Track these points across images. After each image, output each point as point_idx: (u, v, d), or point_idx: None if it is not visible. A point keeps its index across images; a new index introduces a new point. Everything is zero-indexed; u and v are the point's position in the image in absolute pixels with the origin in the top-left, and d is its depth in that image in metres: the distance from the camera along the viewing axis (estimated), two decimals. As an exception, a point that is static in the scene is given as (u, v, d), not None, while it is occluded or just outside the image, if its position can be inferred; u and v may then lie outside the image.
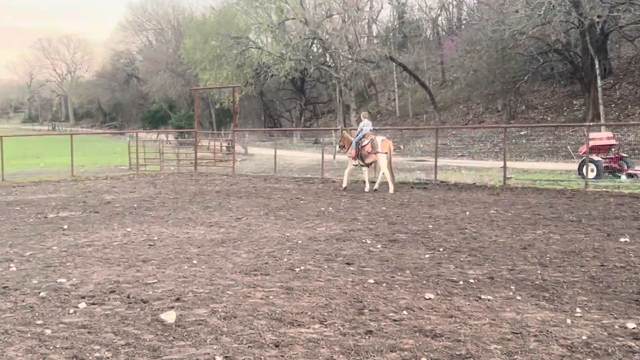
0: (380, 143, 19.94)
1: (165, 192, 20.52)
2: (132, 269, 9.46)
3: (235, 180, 24.41)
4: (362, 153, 20.32)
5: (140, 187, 22.34)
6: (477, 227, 12.87)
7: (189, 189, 21.58)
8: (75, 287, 8.40)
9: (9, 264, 9.94)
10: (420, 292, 7.93)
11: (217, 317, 6.98)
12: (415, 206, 16.42)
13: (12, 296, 8.03)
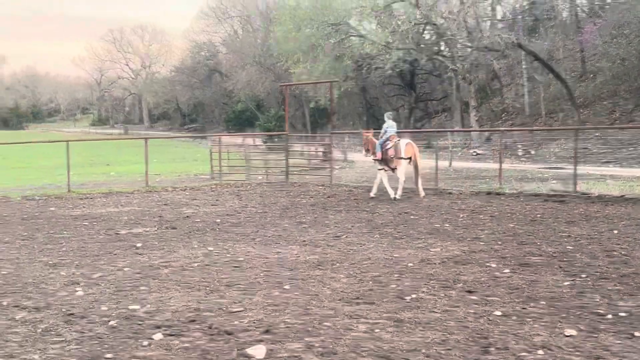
0: (404, 147, 21.72)
1: (252, 206, 20.78)
2: (214, 295, 9.58)
3: (333, 191, 24.50)
4: (386, 157, 21.94)
5: (224, 199, 22.71)
6: (628, 249, 12.44)
7: (280, 201, 21.78)
8: (150, 315, 8.56)
9: (75, 288, 10.24)
10: (559, 328, 7.71)
11: (313, 353, 6.97)
12: (550, 223, 16.03)
13: (78, 325, 8.25)
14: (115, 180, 31.58)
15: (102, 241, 14.78)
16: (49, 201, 23.07)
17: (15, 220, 18.54)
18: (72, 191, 25.66)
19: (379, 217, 17.59)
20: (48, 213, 19.96)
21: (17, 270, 11.68)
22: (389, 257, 12.15)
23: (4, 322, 8.49)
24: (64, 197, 24.07)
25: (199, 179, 31.20)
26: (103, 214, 19.39)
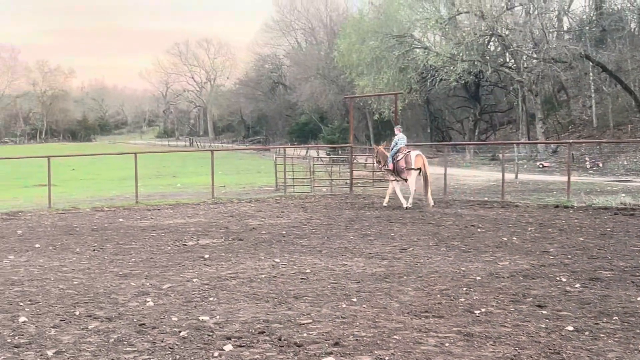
0: (414, 158, 22.87)
1: (317, 218, 20.82)
2: (282, 306, 9.62)
3: (398, 203, 24.41)
4: (397, 168, 23.15)
5: (289, 211, 22.80)
6: None
7: (344, 213, 21.79)
8: (220, 326, 8.64)
9: (146, 298, 10.38)
10: (634, 344, 7.57)
11: (383, 366, 6.94)
12: (621, 237, 15.74)
13: (149, 335, 8.35)
14: (181, 191, 31.92)
15: (170, 252, 14.96)
16: (117, 212, 23.43)
17: (86, 231, 18.87)
18: (140, 202, 26.00)
19: (445, 230, 17.47)
20: (117, 224, 20.27)
21: (88, 281, 11.88)
22: (457, 271, 12.06)
23: (78, 331, 8.65)
24: (132, 208, 24.41)
25: (264, 191, 31.37)
26: (170, 225, 19.62)
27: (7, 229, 19.65)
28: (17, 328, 8.86)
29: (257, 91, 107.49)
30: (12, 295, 10.85)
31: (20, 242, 16.98)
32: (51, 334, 8.57)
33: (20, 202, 27.85)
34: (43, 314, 9.60)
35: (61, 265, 13.52)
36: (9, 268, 13.37)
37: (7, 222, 21.30)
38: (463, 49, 53.06)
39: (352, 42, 61.68)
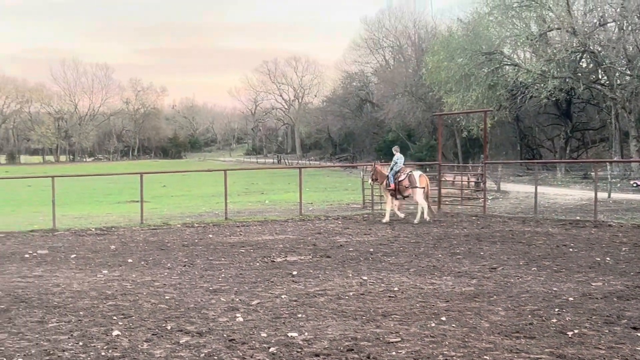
0: (418, 178, 24.57)
1: (404, 235, 20.74)
2: (370, 324, 9.61)
3: (487, 222, 24.12)
4: (399, 187, 24.65)
5: (376, 228, 22.76)
6: None
7: (432, 231, 21.64)
8: (308, 343, 8.67)
9: (235, 314, 10.50)
10: None
11: (473, 387, 6.86)
12: None
13: (239, 350, 8.45)
14: (269, 208, 32.20)
15: (259, 268, 15.10)
16: (207, 228, 23.76)
17: (176, 246, 19.19)
18: (229, 219, 26.33)
19: (535, 250, 17.19)
20: (207, 240, 20.56)
21: (179, 296, 12.09)
22: (548, 291, 11.85)
23: (169, 345, 8.80)
24: (222, 225, 24.73)
25: (351, 208, 31.39)
26: (259, 242, 19.80)
27: (101, 244, 20.14)
28: (111, 341, 9.07)
29: (345, 109, 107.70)
30: (106, 309, 11.11)
31: (114, 257, 17.38)
32: (143, 347, 8.75)
33: (113, 217, 28.52)
34: (136, 327, 9.80)
35: (153, 280, 13.79)
36: (103, 282, 13.71)
37: (100, 237, 21.83)
38: (554, 65, 52.20)
39: (440, 59, 61.32)
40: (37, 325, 10.07)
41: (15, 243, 20.58)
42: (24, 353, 8.60)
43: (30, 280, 14.07)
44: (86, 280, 13.94)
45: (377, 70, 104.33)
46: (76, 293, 12.52)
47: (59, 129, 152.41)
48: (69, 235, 22.35)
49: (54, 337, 9.36)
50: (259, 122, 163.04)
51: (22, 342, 9.15)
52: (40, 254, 18.12)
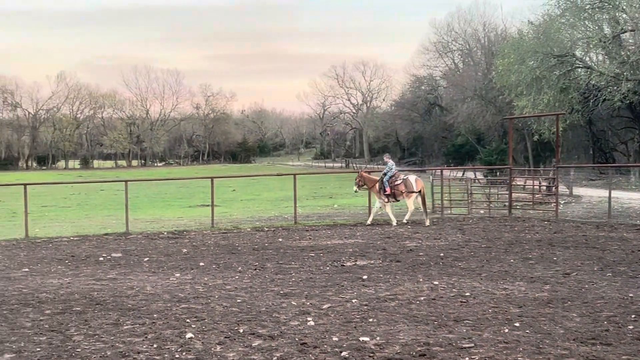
0: (414, 182, 25.91)
1: (475, 240, 20.54)
2: (443, 329, 9.54)
3: (559, 226, 23.76)
4: (395, 191, 25.90)
5: (446, 233, 22.60)
6: None
7: (504, 236, 21.39)
8: (380, 348, 8.65)
9: (307, 318, 10.53)
10: None
11: (549, 394, 6.76)
12: None
13: (311, 354, 8.47)
14: (338, 212, 32.24)
15: (329, 272, 15.11)
16: (277, 232, 23.88)
17: (247, 250, 19.34)
18: (298, 223, 26.44)
19: (610, 255, 16.87)
20: (277, 244, 20.67)
21: (251, 299, 12.17)
22: (624, 297, 11.61)
23: (242, 349, 8.87)
24: (291, 229, 24.83)
25: (420, 213, 31.19)
26: (328, 246, 19.82)
27: (173, 247, 20.40)
28: (185, 344, 9.18)
29: (413, 113, 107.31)
30: (179, 311, 11.24)
31: (186, 260, 17.59)
32: (217, 350, 8.83)
33: (184, 221, 28.87)
34: (208, 330, 9.90)
35: (224, 284, 13.91)
36: (176, 285, 13.88)
37: (172, 241, 22.12)
38: (628, 68, 51.21)
39: (510, 62, 60.63)
40: (112, 327, 10.24)
41: (90, 246, 20.98)
42: (99, 355, 8.76)
43: (104, 283, 14.33)
44: (159, 283, 14.13)
45: (446, 74, 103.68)
46: (150, 296, 12.71)
47: (131, 134, 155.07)
48: (141, 239, 22.70)
49: (128, 339, 9.51)
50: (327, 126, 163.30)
51: (98, 344, 9.32)
52: (114, 257, 18.43)
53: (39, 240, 22.63)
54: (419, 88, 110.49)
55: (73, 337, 9.70)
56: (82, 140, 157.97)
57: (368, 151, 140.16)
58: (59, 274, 15.70)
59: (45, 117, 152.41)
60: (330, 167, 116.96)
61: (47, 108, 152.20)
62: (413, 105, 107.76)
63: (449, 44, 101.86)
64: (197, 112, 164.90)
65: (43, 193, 47.39)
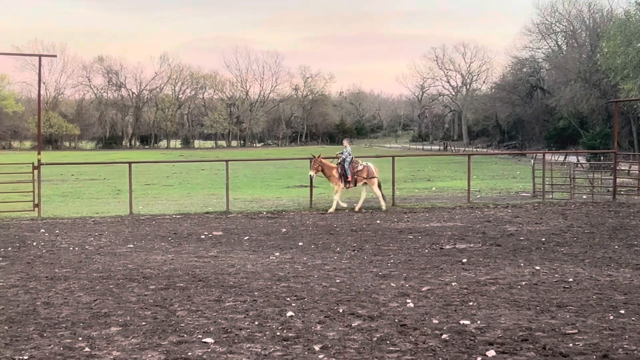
0: (374, 169, 25.66)
1: (577, 225, 20.10)
2: (545, 315, 9.40)
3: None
4: (356, 178, 25.42)
5: (548, 217, 22.19)
6: None
7: (607, 222, 20.87)
8: (481, 332, 8.57)
9: (406, 299, 10.51)
10: None
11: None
12: None
13: (411, 336, 8.45)
14: (436, 195, 32.00)
15: (427, 255, 15.04)
16: (374, 214, 23.86)
17: (345, 231, 19.39)
18: (396, 205, 26.35)
19: None
20: (374, 225, 20.66)
21: (349, 280, 12.22)
22: None
23: (342, 328, 8.91)
24: (389, 211, 24.77)
25: (520, 197, 30.72)
26: (427, 228, 19.72)
27: (272, 227, 20.62)
28: (285, 322, 9.28)
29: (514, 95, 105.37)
30: (279, 290, 11.37)
31: (285, 240, 17.76)
32: (317, 329, 8.90)
33: (283, 201, 29.11)
34: (308, 309, 9.98)
35: (323, 264, 14.00)
36: (275, 264, 14.04)
37: (271, 220, 22.35)
38: None
39: (617, 44, 58.95)
40: (214, 304, 10.43)
41: (192, 224, 21.39)
42: (203, 330, 8.93)
43: (206, 260, 14.60)
44: (259, 262, 14.32)
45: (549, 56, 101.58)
46: (250, 274, 12.89)
47: (230, 114, 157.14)
48: (241, 218, 23.02)
49: (230, 316, 9.67)
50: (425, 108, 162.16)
51: (201, 320, 9.51)
52: (215, 235, 18.75)
53: (142, 217, 23.20)
54: (520, 70, 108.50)
55: (177, 313, 9.92)
56: (184, 120, 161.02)
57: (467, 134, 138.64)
58: (162, 251, 16.08)
59: (148, 97, 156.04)
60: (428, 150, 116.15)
61: (150, 88, 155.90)
62: (514, 87, 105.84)
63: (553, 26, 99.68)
64: (296, 94, 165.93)
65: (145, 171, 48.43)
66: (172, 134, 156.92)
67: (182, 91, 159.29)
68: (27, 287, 11.80)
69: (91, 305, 10.45)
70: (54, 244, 17.38)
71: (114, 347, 8.20)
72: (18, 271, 13.45)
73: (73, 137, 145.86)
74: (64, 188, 38.29)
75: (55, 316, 9.76)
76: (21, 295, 11.15)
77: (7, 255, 15.49)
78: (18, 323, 9.39)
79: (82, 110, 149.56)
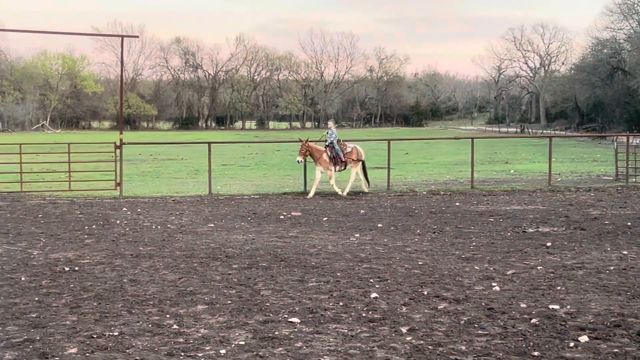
0: (362, 151, 25.18)
1: (664, 209, 19.62)
2: (637, 300, 9.21)
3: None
4: (347, 160, 24.56)
5: (632, 202, 21.66)
6: None
7: (696, 207, 20.30)
8: (572, 317, 8.40)
9: (491, 283, 10.37)
10: None
11: None
12: None
13: (500, 320, 8.33)
14: (515, 178, 31.53)
15: (510, 238, 14.83)
16: (453, 196, 23.63)
17: (424, 213, 19.25)
18: (475, 187, 26.06)
19: None
20: (454, 208, 20.46)
21: (432, 262, 12.11)
22: None
23: (428, 311, 8.83)
24: (468, 193, 24.52)
25: (602, 180, 30.09)
26: (508, 211, 19.44)
27: (350, 208, 20.60)
28: (370, 303, 9.23)
29: (594, 77, 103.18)
30: (362, 271, 11.33)
31: (364, 221, 17.71)
32: (402, 311, 8.83)
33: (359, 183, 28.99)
34: (392, 291, 9.92)
35: (404, 246, 13.90)
36: (356, 245, 14.01)
37: (349, 201, 22.34)
38: None
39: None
40: (297, 284, 10.44)
41: (270, 204, 21.50)
42: (288, 310, 8.94)
43: (287, 241, 14.64)
44: (340, 243, 14.30)
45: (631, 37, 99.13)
46: (331, 255, 12.87)
47: (305, 96, 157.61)
48: (319, 199, 23.06)
49: (314, 296, 9.66)
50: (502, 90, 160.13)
51: (285, 299, 9.52)
52: (294, 215, 18.80)
53: (221, 197, 23.40)
54: (600, 51, 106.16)
55: (261, 292, 9.95)
56: (259, 102, 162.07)
57: (544, 116, 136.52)
58: (243, 230, 16.18)
59: (224, 78, 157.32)
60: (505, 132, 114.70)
61: (226, 69, 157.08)
62: (594, 69, 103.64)
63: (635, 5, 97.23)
64: (371, 75, 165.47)
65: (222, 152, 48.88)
66: (247, 115, 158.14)
67: (257, 72, 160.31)
68: (113, 265, 12.00)
69: (177, 283, 10.56)
70: (137, 222, 17.66)
71: (202, 325, 8.27)
72: (103, 249, 13.69)
73: (150, 117, 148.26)
74: (143, 167, 38.89)
75: (142, 293, 9.90)
76: (108, 273, 11.34)
77: (92, 233, 15.79)
78: (106, 300, 9.54)
79: (160, 91, 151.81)
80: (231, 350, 7.34)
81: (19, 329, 8.16)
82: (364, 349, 7.35)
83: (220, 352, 7.30)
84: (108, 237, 15.27)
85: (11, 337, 7.83)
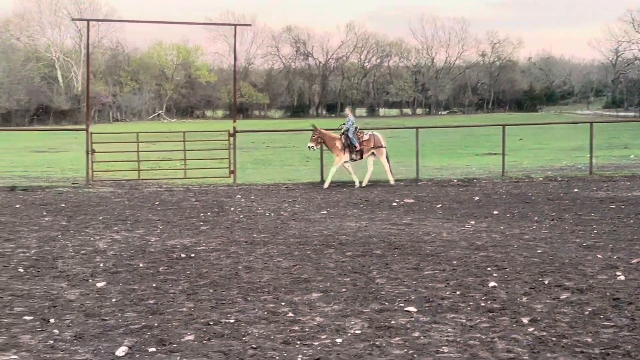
0: (381, 138, 23.87)
1: None
2: None
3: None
4: (362, 149, 23.39)
5: None
6: None
7: None
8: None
9: (615, 272, 9.96)
10: None
11: None
12: None
13: (626, 310, 7.98)
14: (636, 163, 30.43)
15: (633, 225, 14.29)
16: (571, 182, 22.97)
17: (541, 200, 18.75)
18: (593, 173, 25.26)
19: None
20: (572, 194, 19.86)
21: (552, 250, 11.73)
22: None
23: (549, 301, 8.52)
24: (586, 179, 23.80)
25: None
26: (630, 198, 18.75)
27: (464, 195, 20.26)
28: (488, 292, 8.98)
29: None
30: (478, 259, 11.06)
31: (478, 208, 17.38)
32: (522, 301, 8.54)
33: (473, 169, 28.56)
34: (511, 280, 9.63)
35: (522, 233, 13.54)
36: (472, 233, 13.72)
37: (462, 188, 21.99)
38: None
39: None
40: (413, 272, 10.25)
41: (382, 191, 21.37)
42: (404, 298, 8.77)
43: (400, 228, 14.46)
44: (455, 230, 14.04)
45: None
46: (446, 242, 12.63)
47: (416, 82, 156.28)
48: (431, 186, 22.81)
49: (430, 285, 9.46)
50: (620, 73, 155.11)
51: (401, 288, 9.35)
52: (406, 202, 18.60)
53: (332, 184, 23.32)
54: None
55: (376, 280, 9.81)
56: (369, 89, 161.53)
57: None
58: (356, 217, 16.09)
59: (334, 65, 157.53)
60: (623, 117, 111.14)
61: (336, 57, 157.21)
62: None
63: None
64: (483, 60, 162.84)
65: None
66: (357, 102, 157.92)
67: (367, 59, 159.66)
68: (228, 251, 12.07)
69: (291, 270, 10.53)
70: (250, 209, 17.80)
71: (317, 313, 8.18)
72: (219, 235, 13.81)
73: (262, 106, 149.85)
74: (255, 155, 39.31)
75: (257, 280, 9.89)
76: (223, 259, 11.40)
77: (207, 220, 15.97)
78: (222, 286, 9.57)
79: (271, 79, 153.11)
80: (347, 339, 7.23)
81: (137, 315, 8.25)
82: (483, 339, 7.12)
83: (337, 341, 7.19)
84: (223, 224, 15.41)
85: (130, 323, 7.91)
